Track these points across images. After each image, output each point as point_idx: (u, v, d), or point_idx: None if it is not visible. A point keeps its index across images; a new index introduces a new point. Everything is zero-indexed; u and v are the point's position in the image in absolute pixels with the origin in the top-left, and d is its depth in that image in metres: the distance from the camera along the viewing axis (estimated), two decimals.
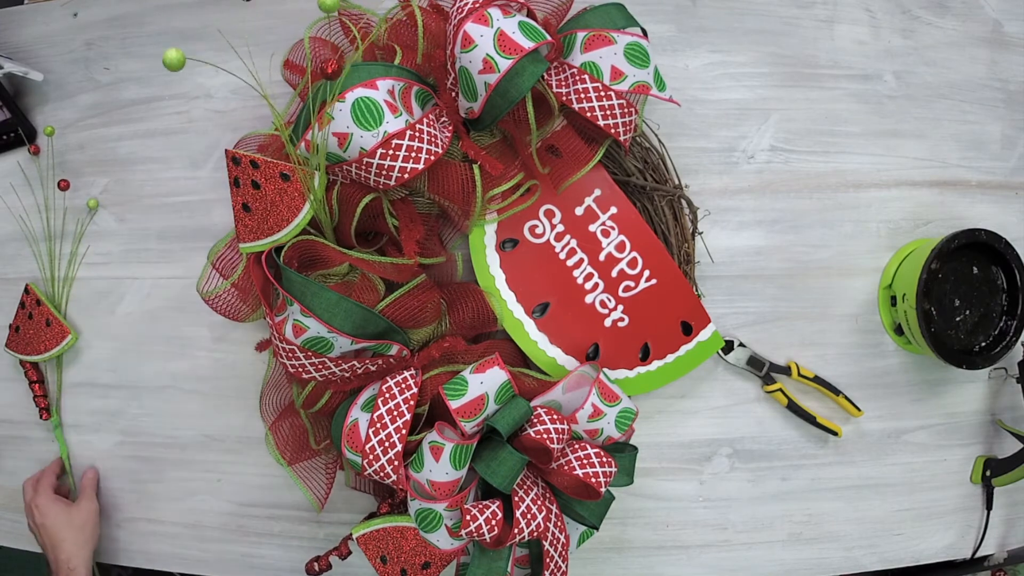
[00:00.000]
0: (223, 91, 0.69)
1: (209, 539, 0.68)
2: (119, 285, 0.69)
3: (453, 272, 0.63)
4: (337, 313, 0.51)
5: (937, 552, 0.68)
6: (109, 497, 0.69)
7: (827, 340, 0.67)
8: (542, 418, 0.54)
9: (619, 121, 0.56)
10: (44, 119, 0.71)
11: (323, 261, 0.55)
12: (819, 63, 0.68)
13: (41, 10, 0.72)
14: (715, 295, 0.66)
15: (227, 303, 0.58)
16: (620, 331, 0.62)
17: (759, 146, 0.67)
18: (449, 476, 0.52)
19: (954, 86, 0.69)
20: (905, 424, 0.68)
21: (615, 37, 0.55)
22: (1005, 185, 0.69)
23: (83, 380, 0.69)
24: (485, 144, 0.58)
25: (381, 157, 0.50)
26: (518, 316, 0.62)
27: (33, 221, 0.70)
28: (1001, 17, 0.70)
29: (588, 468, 0.54)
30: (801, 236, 0.67)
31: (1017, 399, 0.68)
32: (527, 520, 0.53)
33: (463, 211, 0.58)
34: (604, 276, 0.62)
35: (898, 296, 0.64)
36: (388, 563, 0.57)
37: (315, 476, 0.62)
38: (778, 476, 0.67)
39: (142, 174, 0.69)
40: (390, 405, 0.53)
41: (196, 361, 0.68)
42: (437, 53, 0.56)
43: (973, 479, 0.68)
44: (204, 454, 0.68)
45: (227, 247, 0.59)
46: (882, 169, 0.68)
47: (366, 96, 0.51)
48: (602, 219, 0.62)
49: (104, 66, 0.70)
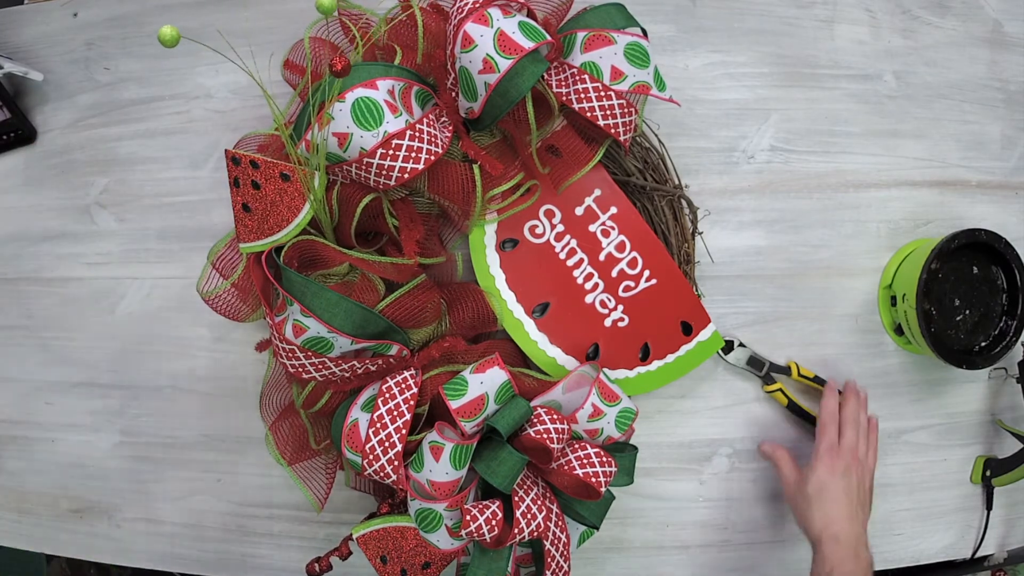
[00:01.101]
0: (223, 91, 0.69)
1: (209, 539, 0.68)
2: (119, 285, 0.69)
3: (453, 272, 0.63)
4: (337, 313, 0.51)
5: (937, 552, 0.68)
6: (109, 497, 0.69)
7: (827, 340, 0.67)
8: (542, 418, 0.54)
9: (619, 121, 0.56)
10: (44, 119, 0.71)
11: (323, 261, 0.55)
12: (819, 63, 0.68)
13: (41, 10, 0.72)
14: (715, 295, 0.66)
15: (227, 303, 0.58)
16: (620, 331, 0.62)
17: (759, 146, 0.67)
18: (449, 476, 0.52)
19: (954, 86, 0.69)
20: (905, 424, 0.68)
21: (615, 37, 0.55)
22: (1005, 185, 0.69)
23: (83, 380, 0.69)
24: (485, 144, 0.58)
25: (381, 157, 0.50)
26: (518, 316, 0.62)
27: (33, 221, 0.70)
28: (1001, 17, 0.70)
29: (588, 468, 0.54)
30: (801, 236, 0.67)
31: (1017, 399, 0.68)
32: (527, 520, 0.53)
33: (463, 211, 0.58)
34: (604, 276, 0.62)
35: (898, 296, 0.64)
36: (388, 563, 0.57)
37: (315, 476, 0.62)
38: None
39: (142, 174, 0.69)
40: (390, 405, 0.53)
41: (196, 361, 0.68)
42: (437, 53, 0.56)
43: (973, 479, 0.68)
44: (204, 454, 0.68)
45: (227, 247, 0.59)
46: (882, 169, 0.68)
47: (366, 96, 0.51)
48: (602, 219, 0.62)
49: (104, 66, 0.70)
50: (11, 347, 0.70)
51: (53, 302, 0.69)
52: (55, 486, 0.69)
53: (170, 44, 0.42)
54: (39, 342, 0.69)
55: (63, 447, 0.69)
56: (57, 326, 0.69)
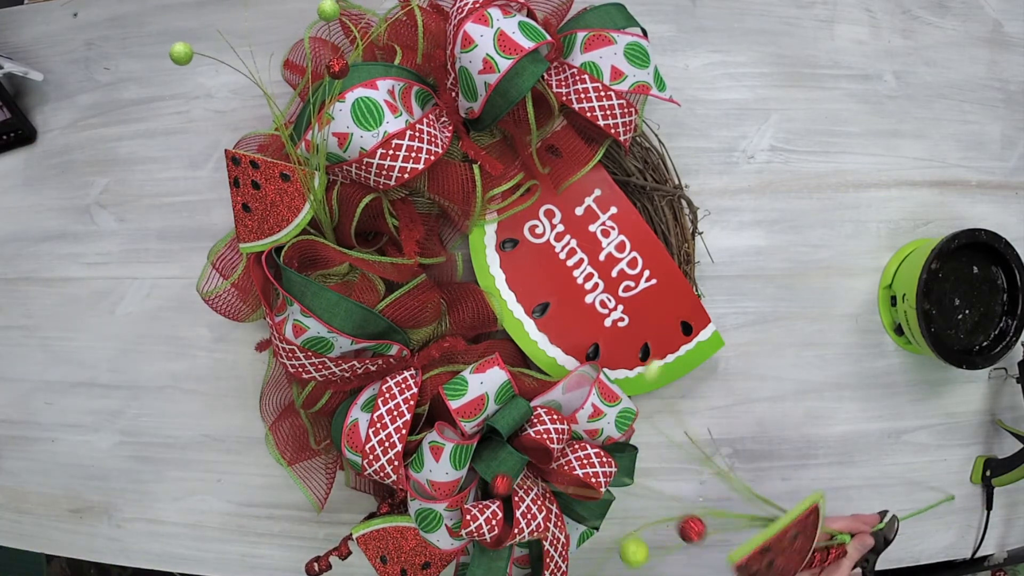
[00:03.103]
0: (223, 91, 0.69)
1: (209, 539, 0.68)
2: (119, 285, 0.69)
3: (453, 272, 0.63)
4: (337, 313, 0.51)
5: (937, 552, 0.68)
6: (109, 497, 0.69)
7: (827, 340, 0.67)
8: (542, 418, 0.54)
9: (619, 121, 0.56)
10: (44, 119, 0.71)
11: (323, 261, 0.55)
12: (819, 63, 0.68)
13: (41, 10, 0.72)
14: (715, 295, 0.66)
15: (227, 303, 0.58)
16: (620, 331, 0.62)
17: (759, 146, 0.67)
18: (449, 476, 0.52)
19: (954, 86, 0.69)
20: (905, 424, 0.68)
21: (615, 37, 0.55)
22: (1005, 185, 0.69)
23: (83, 380, 0.69)
24: (485, 144, 0.58)
25: (381, 157, 0.50)
26: (518, 316, 0.62)
27: (33, 221, 0.70)
28: (1001, 17, 0.70)
29: (588, 468, 0.54)
30: (801, 236, 0.67)
31: (1017, 399, 0.68)
32: (527, 520, 0.53)
33: (463, 211, 0.58)
34: (604, 276, 0.62)
35: (898, 296, 0.64)
36: (388, 563, 0.57)
37: (315, 476, 0.62)
38: (778, 476, 0.67)
39: (142, 174, 0.69)
40: (390, 405, 0.53)
41: (196, 361, 0.68)
42: (437, 53, 0.56)
43: (973, 479, 0.68)
44: (204, 454, 0.68)
45: (227, 247, 0.59)
46: (882, 169, 0.68)
47: (366, 96, 0.51)
48: (602, 219, 0.62)
49: (104, 66, 0.70)
50: (11, 347, 0.70)
51: (53, 302, 0.69)
52: (55, 486, 0.69)
53: (183, 62, 0.42)
54: (39, 342, 0.69)
55: (63, 447, 0.69)
56: (57, 326, 0.69)
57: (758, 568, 0.49)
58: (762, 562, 0.49)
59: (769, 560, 0.49)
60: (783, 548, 0.49)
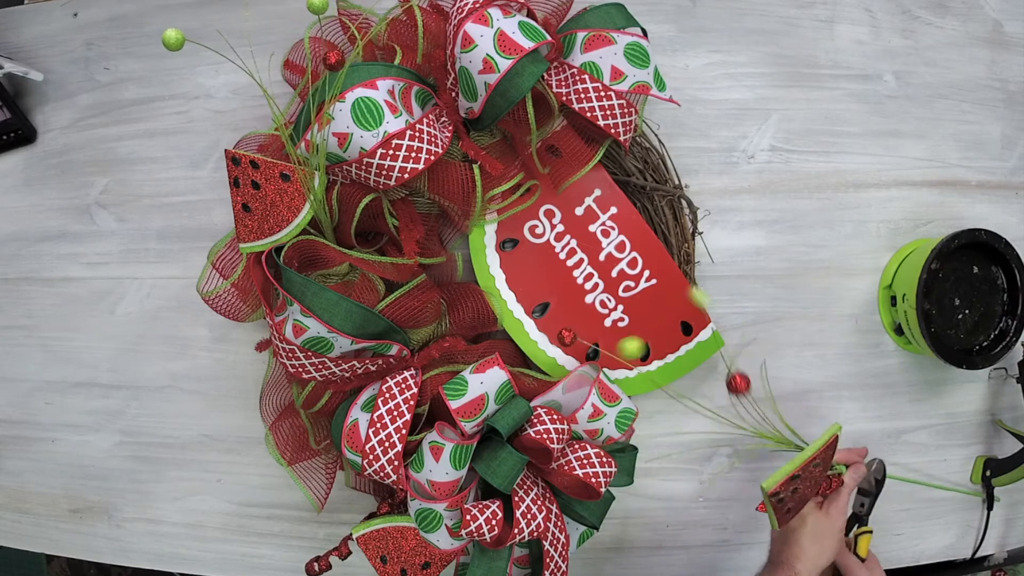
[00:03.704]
0: (223, 91, 0.69)
1: (209, 539, 0.68)
2: (119, 285, 0.69)
3: (453, 272, 0.63)
4: (337, 313, 0.51)
5: (937, 552, 0.68)
6: (109, 497, 0.69)
7: (827, 340, 0.67)
8: (542, 418, 0.54)
9: (619, 121, 0.56)
10: (44, 119, 0.71)
11: (323, 261, 0.55)
12: (819, 63, 0.68)
13: (41, 10, 0.72)
14: (715, 295, 0.66)
15: (227, 303, 0.58)
16: (620, 331, 0.62)
17: (759, 146, 0.67)
18: (449, 476, 0.52)
19: (954, 86, 0.69)
20: (905, 424, 0.68)
21: (615, 37, 0.55)
22: (1005, 185, 0.69)
23: (83, 380, 0.69)
24: (485, 144, 0.58)
25: (381, 157, 0.50)
26: (518, 316, 0.62)
27: (33, 221, 0.70)
28: (1001, 17, 0.70)
29: (588, 468, 0.54)
30: (801, 236, 0.67)
31: (1017, 399, 0.68)
32: (527, 520, 0.53)
33: (463, 211, 0.58)
34: (604, 276, 0.62)
35: (898, 296, 0.64)
36: (388, 563, 0.57)
37: (315, 476, 0.62)
38: None
39: (142, 174, 0.69)
40: (390, 405, 0.53)
41: (196, 361, 0.68)
42: (437, 53, 0.56)
43: (973, 479, 0.68)
44: (204, 454, 0.68)
45: (227, 247, 0.59)
46: (882, 169, 0.68)
47: (366, 96, 0.51)
48: (602, 219, 0.62)
49: (104, 66, 0.70)
50: (11, 347, 0.70)
51: (53, 302, 0.69)
52: (55, 486, 0.69)
53: (174, 47, 0.42)
54: (39, 342, 0.69)
55: (63, 447, 0.69)
56: (57, 326, 0.69)
57: (785, 494, 0.53)
58: (788, 489, 0.53)
59: (794, 487, 0.53)
60: (807, 476, 0.53)
